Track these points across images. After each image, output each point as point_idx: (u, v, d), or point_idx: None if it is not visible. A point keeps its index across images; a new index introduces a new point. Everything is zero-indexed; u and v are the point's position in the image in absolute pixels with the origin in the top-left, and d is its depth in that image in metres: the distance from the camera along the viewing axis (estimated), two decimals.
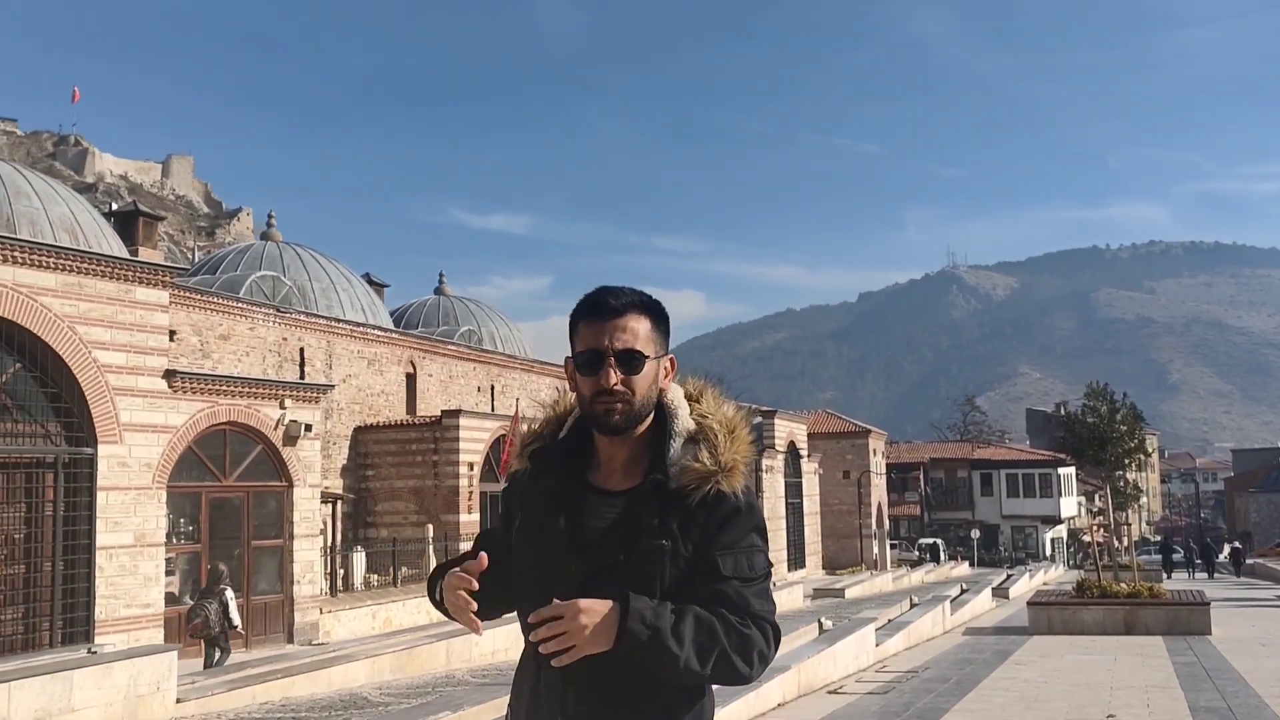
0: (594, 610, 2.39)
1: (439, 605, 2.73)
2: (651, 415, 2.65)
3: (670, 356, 2.69)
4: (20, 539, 18.52)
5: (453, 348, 38.91)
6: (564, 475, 2.65)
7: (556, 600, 2.42)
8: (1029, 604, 21.99)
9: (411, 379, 35.94)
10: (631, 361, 2.56)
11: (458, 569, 2.59)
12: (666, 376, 2.68)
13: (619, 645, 2.39)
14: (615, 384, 2.55)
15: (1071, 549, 77.32)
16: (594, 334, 2.58)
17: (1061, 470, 74.27)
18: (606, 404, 2.56)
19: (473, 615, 2.58)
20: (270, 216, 37.70)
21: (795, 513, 50.75)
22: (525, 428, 2.86)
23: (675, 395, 2.70)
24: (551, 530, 2.60)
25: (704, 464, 2.56)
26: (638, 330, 2.58)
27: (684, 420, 2.66)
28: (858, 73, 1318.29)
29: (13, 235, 18.71)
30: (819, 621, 17.82)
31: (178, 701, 13.68)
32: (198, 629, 18.26)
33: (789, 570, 47.27)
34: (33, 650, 17.32)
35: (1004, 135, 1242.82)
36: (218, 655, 18.36)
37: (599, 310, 2.61)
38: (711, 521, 2.54)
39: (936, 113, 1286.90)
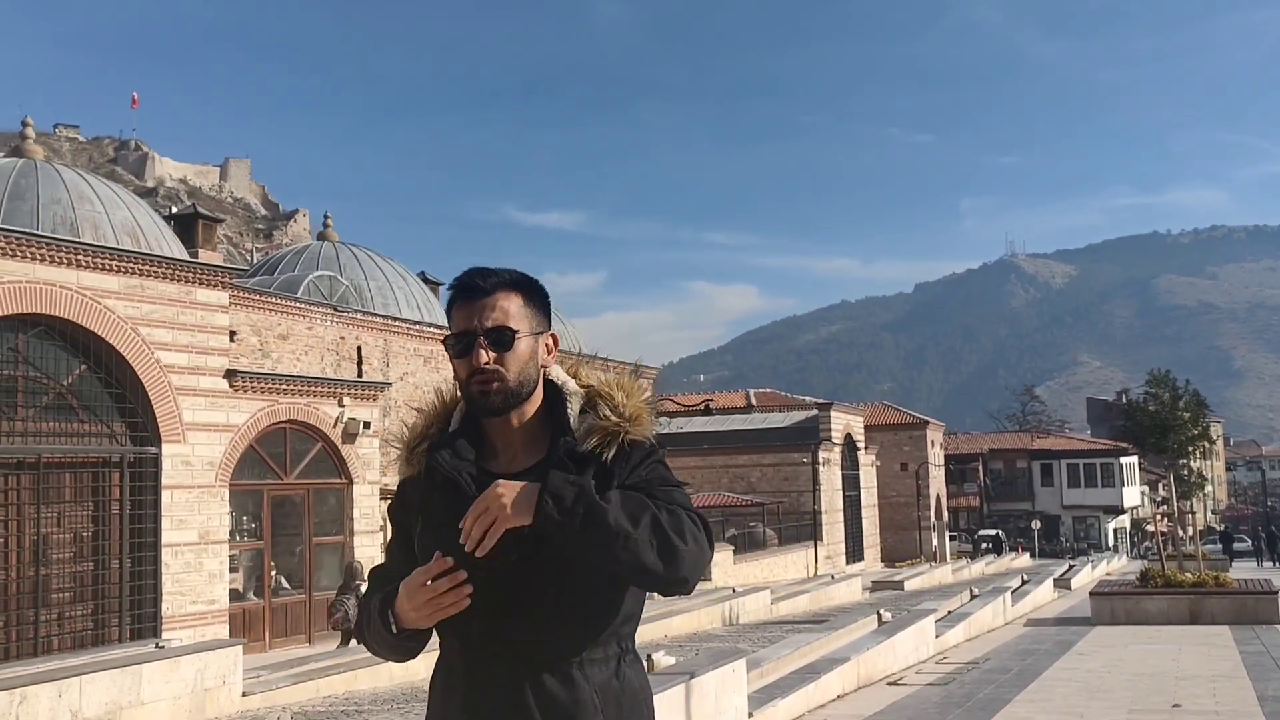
0: (513, 486, 2.34)
1: (387, 642, 2.51)
2: (541, 395, 2.61)
3: (553, 334, 2.64)
4: (89, 537, 18.91)
5: None
6: (464, 464, 2.54)
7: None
8: (1091, 594, 21.71)
9: None
10: (502, 339, 2.51)
11: (413, 579, 2.41)
12: (550, 354, 2.63)
13: (543, 509, 2.31)
14: (487, 363, 2.49)
15: (1135, 539, 76.29)
16: (464, 316, 2.54)
17: (1124, 460, 73.22)
18: (481, 384, 2.50)
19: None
20: (326, 217, 37.97)
21: (853, 505, 50.46)
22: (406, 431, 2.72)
23: (559, 372, 2.65)
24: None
25: (608, 419, 2.53)
26: (508, 308, 2.53)
27: (573, 389, 2.61)
28: (913, 61, 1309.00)
29: (76, 239, 19.10)
30: (878, 613, 17.71)
31: (244, 695, 13.88)
32: (338, 623, 19.50)
33: (847, 563, 47.00)
34: (102, 645, 17.64)
35: (1061, 121, 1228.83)
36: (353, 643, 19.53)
37: (468, 292, 2.55)
38: (626, 469, 2.50)
39: (992, 100, 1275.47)
